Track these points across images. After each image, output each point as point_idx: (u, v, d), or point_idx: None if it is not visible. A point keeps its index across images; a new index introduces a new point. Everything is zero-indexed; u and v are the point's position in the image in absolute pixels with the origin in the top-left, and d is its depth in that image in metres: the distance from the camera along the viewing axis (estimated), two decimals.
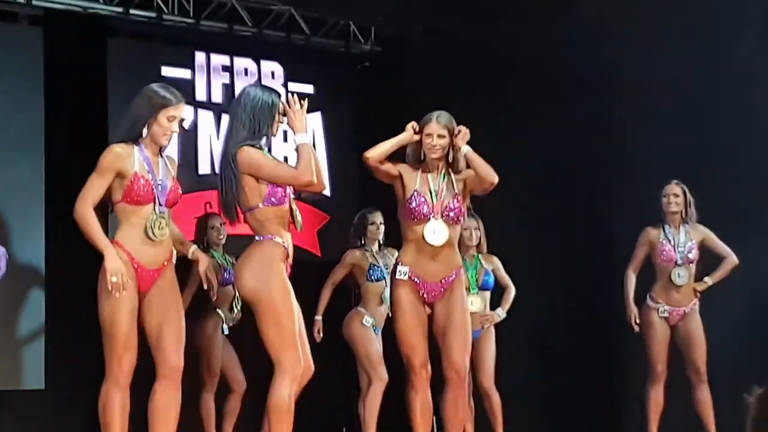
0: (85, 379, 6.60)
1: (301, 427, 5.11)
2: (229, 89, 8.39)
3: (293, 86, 8.50)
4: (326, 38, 8.99)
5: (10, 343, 7.31)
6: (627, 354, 8.46)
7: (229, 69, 8.46)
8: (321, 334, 7.35)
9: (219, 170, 5.19)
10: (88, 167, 5.07)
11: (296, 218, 5.14)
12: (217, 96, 8.37)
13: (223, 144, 5.25)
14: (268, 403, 5.00)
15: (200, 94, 8.28)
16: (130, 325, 4.99)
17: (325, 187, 5.36)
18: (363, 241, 7.50)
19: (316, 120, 8.74)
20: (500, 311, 7.48)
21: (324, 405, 7.67)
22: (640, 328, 7.29)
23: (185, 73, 8.20)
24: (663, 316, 7.25)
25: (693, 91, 8.38)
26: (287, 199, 5.11)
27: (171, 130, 5.07)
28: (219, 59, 8.43)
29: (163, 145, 5.11)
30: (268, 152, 5.11)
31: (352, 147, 8.03)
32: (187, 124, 5.38)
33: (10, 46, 7.41)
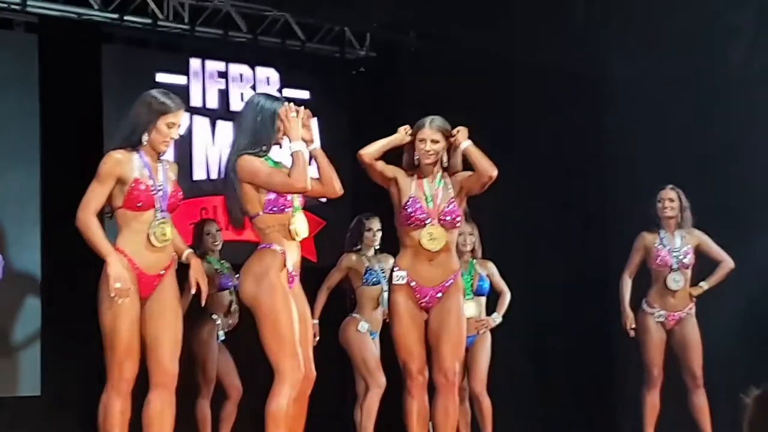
0: (81, 385, 6.61)
1: None
2: (224, 95, 8.40)
3: (288, 92, 8.48)
4: (321, 44, 8.99)
5: (6, 349, 7.29)
6: (622, 357, 8.47)
7: (224, 75, 8.45)
8: (317, 337, 7.34)
9: (223, 178, 5.21)
10: (83, 173, 5.06)
11: (292, 228, 5.11)
12: (212, 102, 8.36)
13: (228, 152, 5.26)
14: (266, 410, 4.99)
15: (195, 100, 8.26)
16: (131, 332, 4.98)
17: (340, 192, 5.31)
18: (359, 246, 7.50)
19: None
20: (496, 316, 7.48)
21: (320, 411, 7.64)
22: (636, 333, 7.28)
23: (180, 80, 8.18)
24: (659, 320, 7.23)
25: (688, 95, 8.40)
26: (290, 208, 5.10)
27: (170, 136, 5.08)
28: (214, 65, 8.41)
29: (161, 152, 5.12)
30: (272, 161, 5.11)
31: (348, 152, 8.01)
32: (182, 130, 5.36)
33: (5, 53, 7.39)
